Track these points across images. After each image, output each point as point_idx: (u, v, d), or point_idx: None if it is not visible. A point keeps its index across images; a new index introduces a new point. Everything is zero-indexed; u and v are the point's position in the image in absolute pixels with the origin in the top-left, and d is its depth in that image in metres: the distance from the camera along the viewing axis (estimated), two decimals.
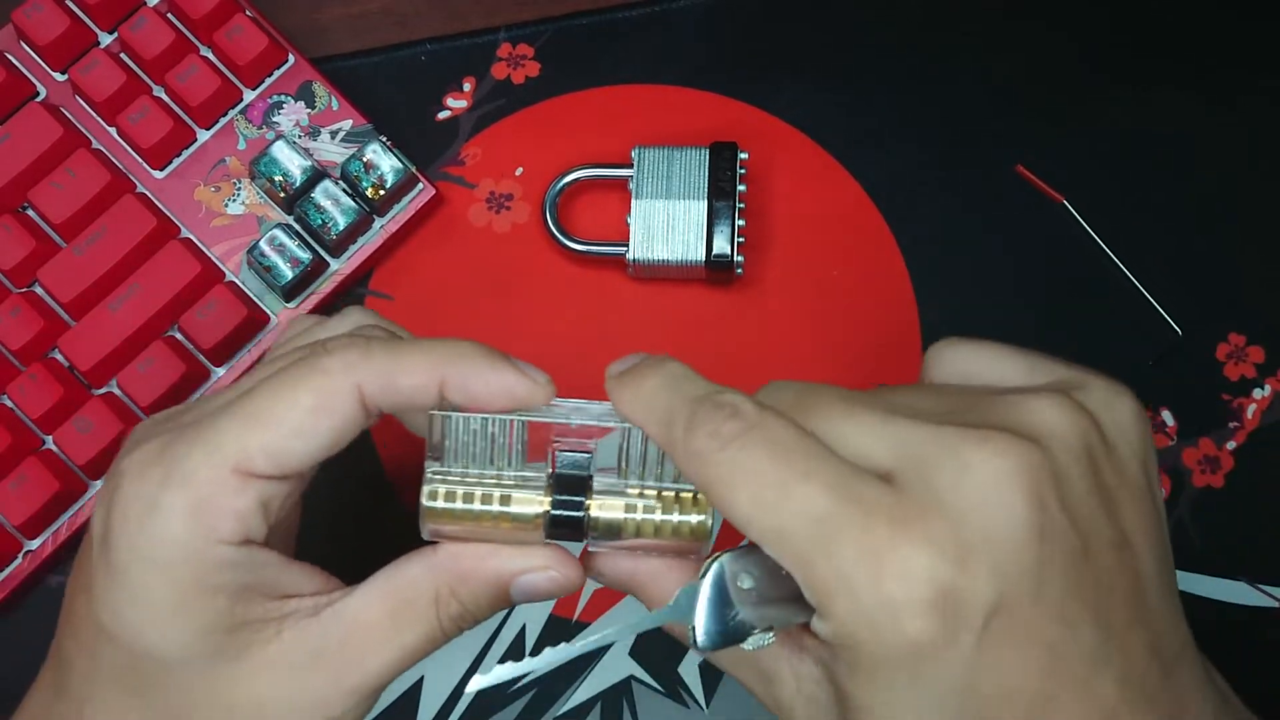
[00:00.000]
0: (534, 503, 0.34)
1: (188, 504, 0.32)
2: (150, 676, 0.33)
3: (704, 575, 0.32)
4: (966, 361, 0.35)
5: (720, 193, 0.50)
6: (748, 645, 0.32)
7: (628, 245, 0.50)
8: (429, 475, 0.34)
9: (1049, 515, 0.29)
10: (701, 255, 0.50)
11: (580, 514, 0.34)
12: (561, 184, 0.52)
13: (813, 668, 0.32)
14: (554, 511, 0.34)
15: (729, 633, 0.32)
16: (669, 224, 0.50)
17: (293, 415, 0.32)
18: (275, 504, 0.33)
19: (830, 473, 0.29)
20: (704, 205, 0.50)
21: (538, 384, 0.34)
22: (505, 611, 0.49)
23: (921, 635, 0.28)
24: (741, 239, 0.50)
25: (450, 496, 0.34)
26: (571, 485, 0.34)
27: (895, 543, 0.29)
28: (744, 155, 0.51)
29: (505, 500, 0.34)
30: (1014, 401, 0.31)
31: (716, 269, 0.50)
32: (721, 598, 0.32)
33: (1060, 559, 0.29)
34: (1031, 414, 0.30)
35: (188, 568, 0.32)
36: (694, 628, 0.32)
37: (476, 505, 0.34)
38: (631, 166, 0.51)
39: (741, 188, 0.51)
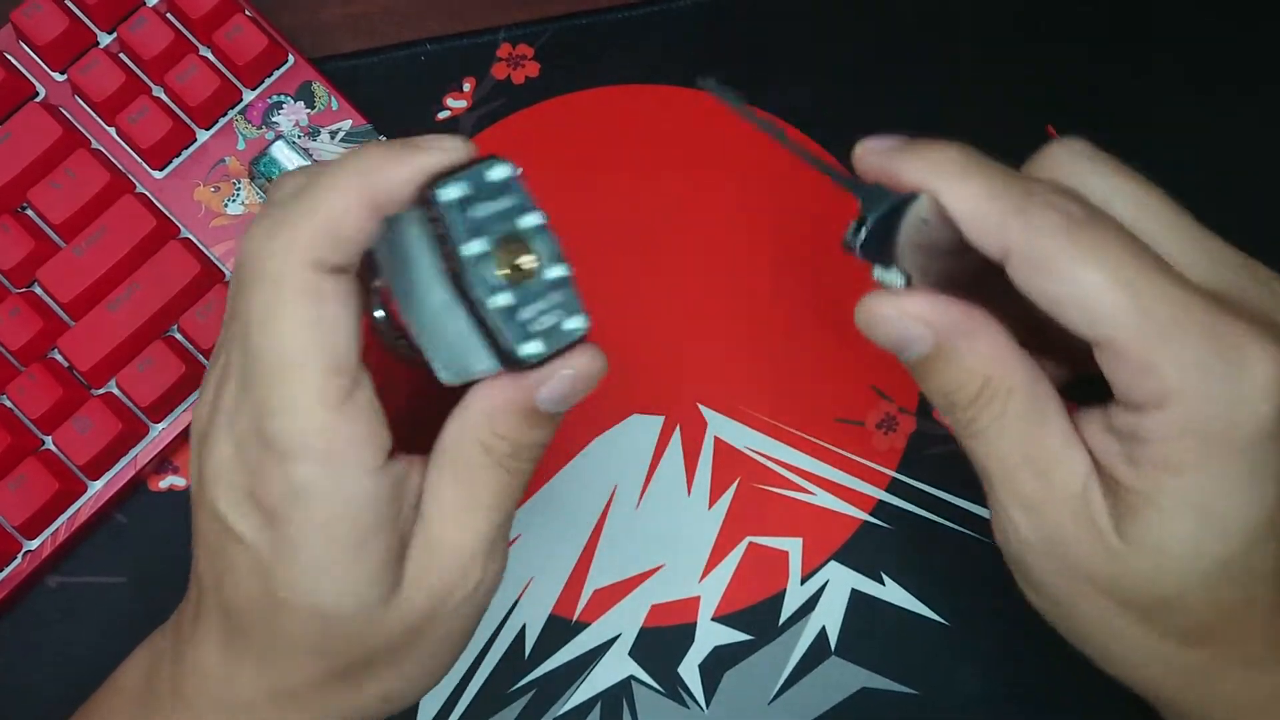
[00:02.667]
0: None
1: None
2: (332, 633, 0.34)
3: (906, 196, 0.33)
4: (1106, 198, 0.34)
5: (453, 278, 0.32)
6: (877, 272, 0.34)
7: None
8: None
9: None
10: (497, 365, 0.33)
11: None
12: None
13: (1120, 461, 0.32)
14: None
15: (882, 247, 0.33)
16: (456, 328, 0.33)
17: (342, 205, 0.32)
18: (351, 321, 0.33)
19: (1175, 272, 0.31)
20: (450, 293, 0.33)
21: (426, 151, 0.32)
22: (505, 612, 0.49)
23: (1269, 421, 0.31)
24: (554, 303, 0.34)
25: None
26: None
27: (1255, 333, 0.31)
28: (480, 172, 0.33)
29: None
30: None
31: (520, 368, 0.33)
32: (897, 216, 0.33)
33: None
34: None
35: (348, 518, 0.33)
36: (863, 218, 0.33)
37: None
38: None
39: (529, 218, 0.33)
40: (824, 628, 0.50)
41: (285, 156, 0.51)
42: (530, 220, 0.33)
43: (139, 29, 0.51)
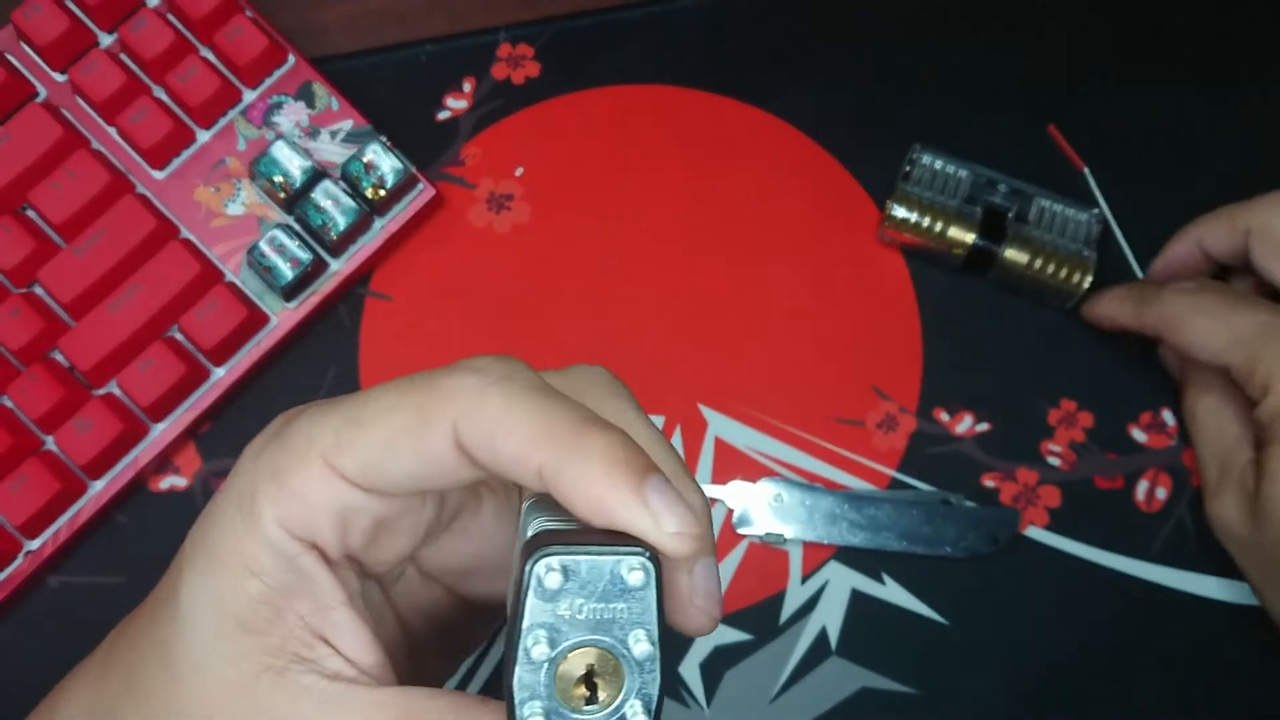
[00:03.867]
0: None
1: (266, 475, 0.29)
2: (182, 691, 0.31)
3: None
4: None
5: (506, 654, 0.27)
6: None
7: None
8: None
9: None
10: None
11: None
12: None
13: (1258, 447, 0.46)
14: None
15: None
16: None
17: (386, 425, 0.28)
18: (356, 519, 0.30)
19: (1261, 306, 0.46)
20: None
21: (662, 532, 0.26)
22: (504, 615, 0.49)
23: None
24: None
25: None
26: None
27: None
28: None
29: None
30: None
31: None
32: None
33: None
34: None
35: (237, 543, 0.29)
36: None
37: None
38: None
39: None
40: (824, 627, 0.50)
41: (285, 157, 0.51)
42: (639, 649, 0.26)
43: (139, 29, 0.51)
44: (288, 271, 0.50)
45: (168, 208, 0.51)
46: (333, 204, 0.50)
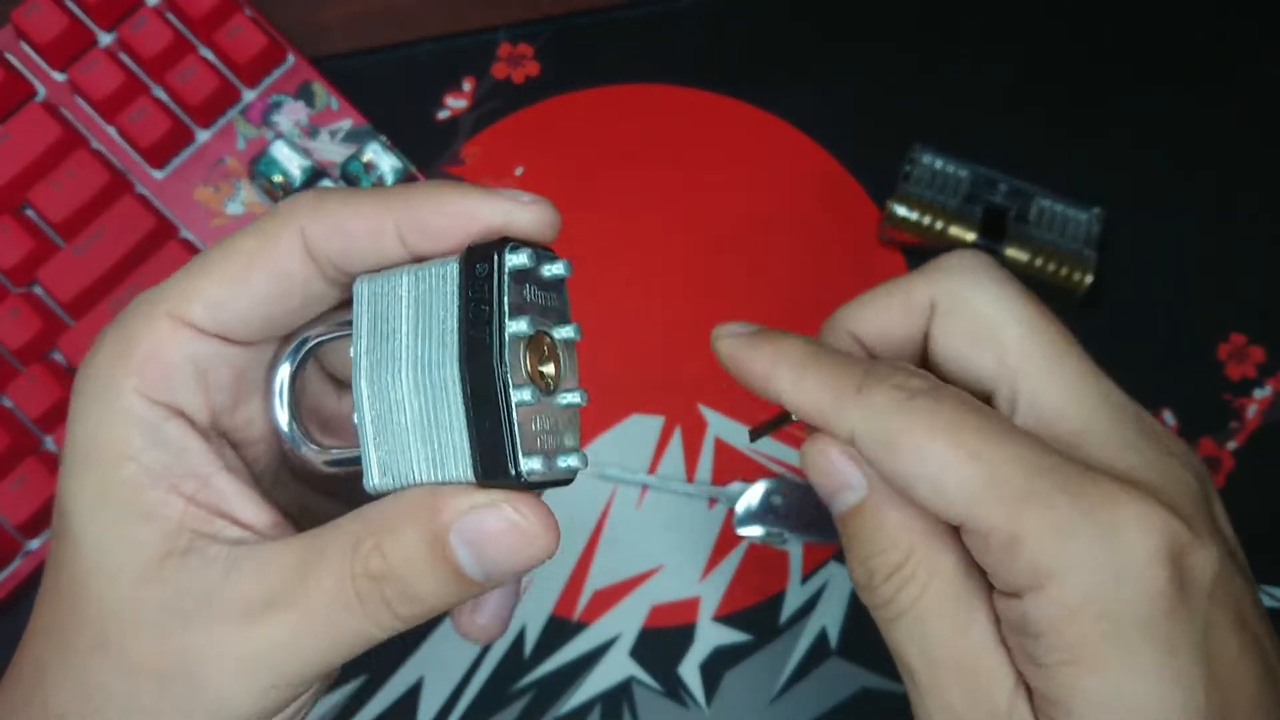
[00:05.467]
0: None
1: (114, 351, 0.29)
2: (77, 608, 0.30)
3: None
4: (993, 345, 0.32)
5: (475, 348, 0.27)
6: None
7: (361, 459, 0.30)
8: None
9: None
10: (469, 472, 0.28)
11: None
12: (298, 355, 0.31)
13: (1026, 662, 0.29)
14: None
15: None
16: (420, 417, 0.28)
17: (231, 261, 0.29)
18: (215, 373, 0.30)
19: (1031, 436, 0.29)
20: (456, 375, 0.27)
21: (519, 203, 0.29)
22: None
23: (1163, 590, 0.27)
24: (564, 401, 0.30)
25: None
26: None
27: (1129, 496, 0.27)
28: (533, 262, 0.29)
29: None
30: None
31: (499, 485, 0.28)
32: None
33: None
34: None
35: (105, 430, 0.29)
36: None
37: None
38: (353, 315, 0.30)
39: (561, 333, 0.30)
40: (824, 628, 0.50)
41: (285, 156, 0.50)
42: (567, 331, 0.29)
43: (139, 28, 0.51)
44: None
45: (167, 207, 0.51)
46: None
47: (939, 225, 0.51)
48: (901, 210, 0.51)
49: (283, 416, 0.31)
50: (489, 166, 0.54)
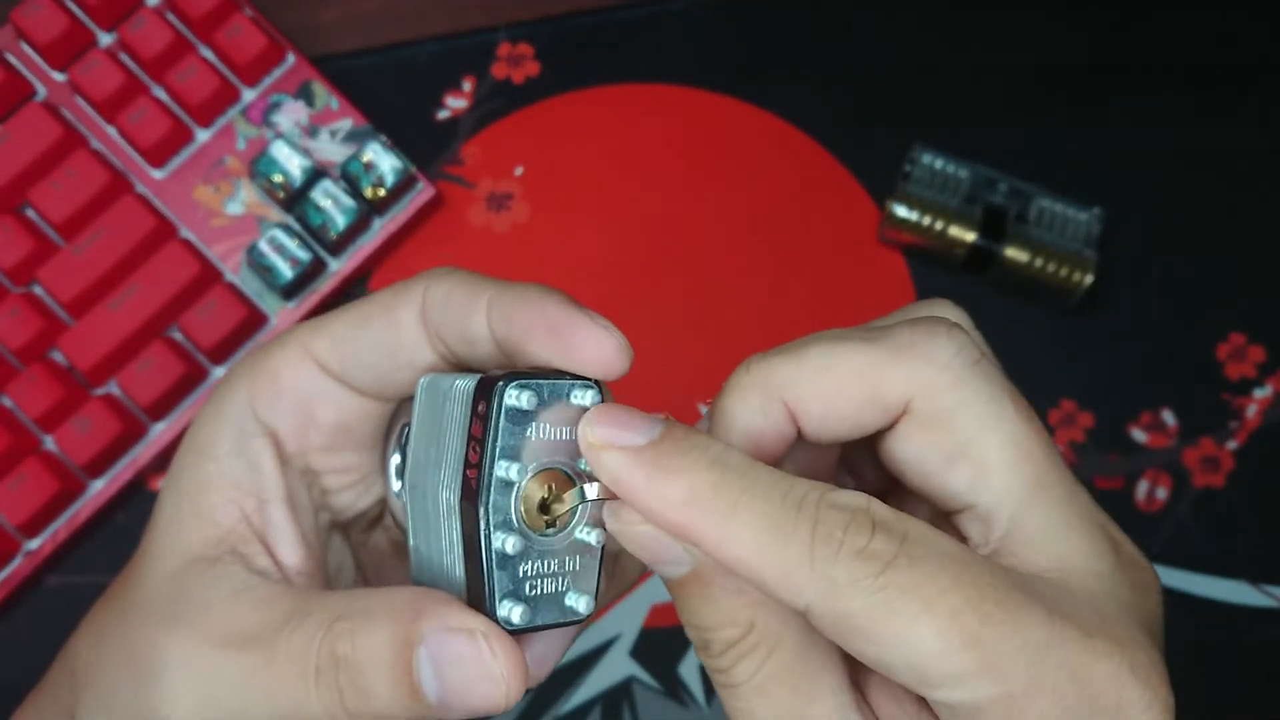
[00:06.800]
0: None
1: (246, 364, 0.31)
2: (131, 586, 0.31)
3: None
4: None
5: (467, 489, 0.27)
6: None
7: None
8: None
9: None
10: (458, 588, 0.28)
11: None
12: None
13: None
14: None
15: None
16: (440, 528, 0.29)
17: (363, 306, 0.31)
18: (321, 410, 0.31)
19: (1034, 600, 0.24)
20: (456, 496, 0.28)
21: (597, 333, 0.28)
22: None
23: None
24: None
25: None
26: None
27: (1127, 677, 0.25)
28: (520, 396, 0.27)
29: None
30: None
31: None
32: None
33: None
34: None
35: (208, 427, 0.31)
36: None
37: None
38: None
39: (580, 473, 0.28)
40: None
41: (285, 156, 0.50)
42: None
43: (139, 28, 0.51)
44: (287, 271, 0.50)
45: (167, 207, 0.51)
46: (332, 203, 0.50)
47: (939, 225, 0.51)
48: (901, 210, 0.51)
49: (395, 484, 0.32)
50: (489, 166, 0.54)
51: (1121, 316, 0.52)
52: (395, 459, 0.32)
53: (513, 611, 0.27)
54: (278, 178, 0.50)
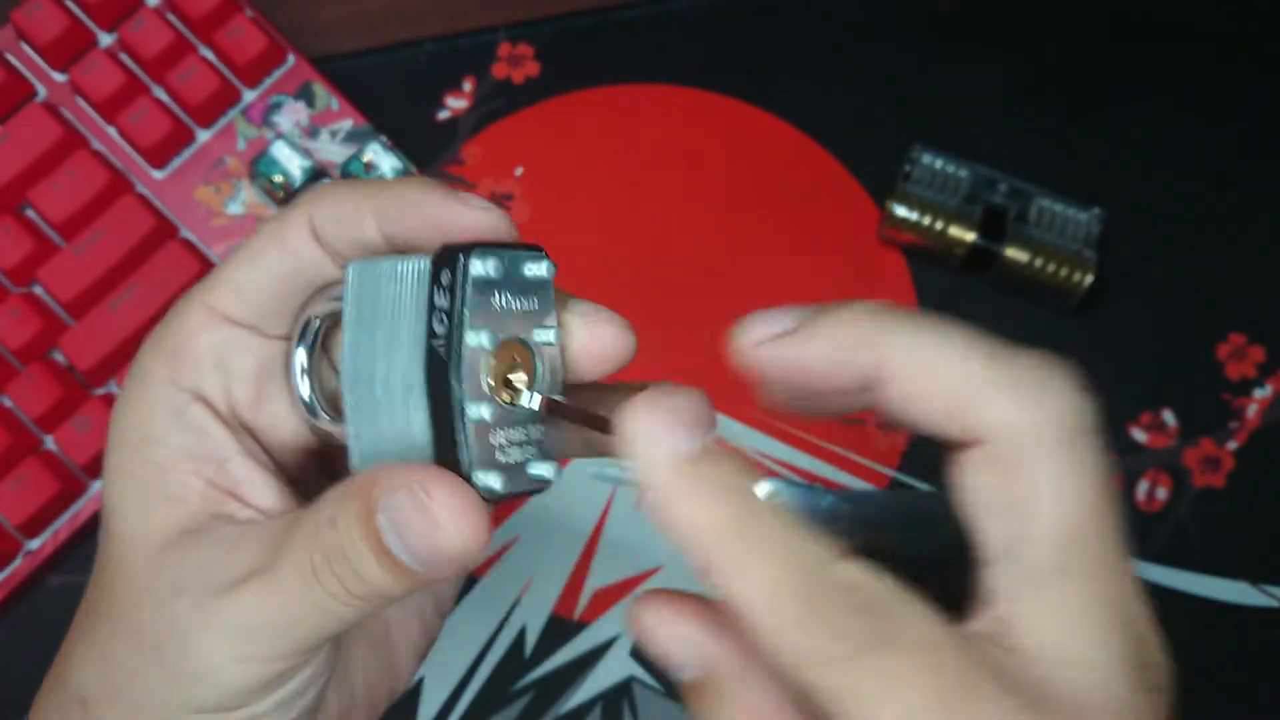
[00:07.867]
0: None
1: (153, 341, 0.31)
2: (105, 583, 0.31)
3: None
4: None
5: (434, 360, 0.27)
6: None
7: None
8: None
9: None
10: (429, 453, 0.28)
11: None
12: (306, 332, 0.31)
13: None
14: None
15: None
16: (392, 412, 0.28)
17: (251, 245, 0.31)
18: (239, 362, 0.31)
19: (1007, 692, 0.24)
20: (420, 371, 0.28)
21: (475, 209, 0.29)
22: (505, 612, 0.49)
23: None
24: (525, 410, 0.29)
25: None
26: None
27: None
28: (488, 264, 0.28)
29: None
30: None
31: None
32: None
33: None
34: None
35: (137, 414, 0.30)
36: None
37: None
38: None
39: (544, 336, 0.29)
40: None
41: (285, 156, 0.50)
42: (545, 335, 0.29)
43: (139, 29, 0.51)
44: None
45: (167, 207, 0.51)
46: None
47: (939, 225, 0.51)
48: (901, 210, 0.51)
49: (303, 387, 0.31)
50: (489, 166, 0.54)
51: (1121, 316, 0.52)
52: (300, 356, 0.31)
53: (493, 479, 0.27)
54: (278, 178, 0.50)
